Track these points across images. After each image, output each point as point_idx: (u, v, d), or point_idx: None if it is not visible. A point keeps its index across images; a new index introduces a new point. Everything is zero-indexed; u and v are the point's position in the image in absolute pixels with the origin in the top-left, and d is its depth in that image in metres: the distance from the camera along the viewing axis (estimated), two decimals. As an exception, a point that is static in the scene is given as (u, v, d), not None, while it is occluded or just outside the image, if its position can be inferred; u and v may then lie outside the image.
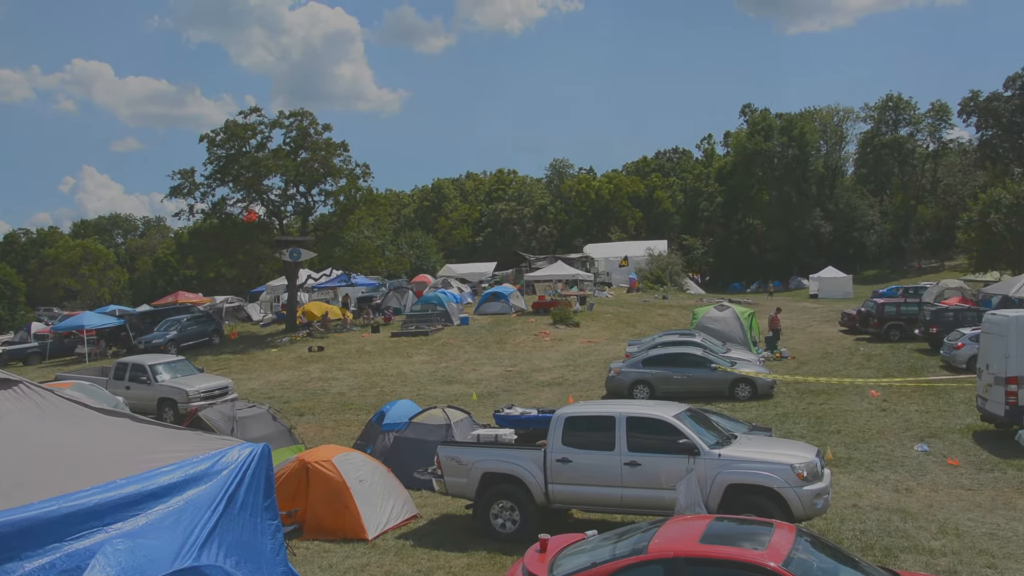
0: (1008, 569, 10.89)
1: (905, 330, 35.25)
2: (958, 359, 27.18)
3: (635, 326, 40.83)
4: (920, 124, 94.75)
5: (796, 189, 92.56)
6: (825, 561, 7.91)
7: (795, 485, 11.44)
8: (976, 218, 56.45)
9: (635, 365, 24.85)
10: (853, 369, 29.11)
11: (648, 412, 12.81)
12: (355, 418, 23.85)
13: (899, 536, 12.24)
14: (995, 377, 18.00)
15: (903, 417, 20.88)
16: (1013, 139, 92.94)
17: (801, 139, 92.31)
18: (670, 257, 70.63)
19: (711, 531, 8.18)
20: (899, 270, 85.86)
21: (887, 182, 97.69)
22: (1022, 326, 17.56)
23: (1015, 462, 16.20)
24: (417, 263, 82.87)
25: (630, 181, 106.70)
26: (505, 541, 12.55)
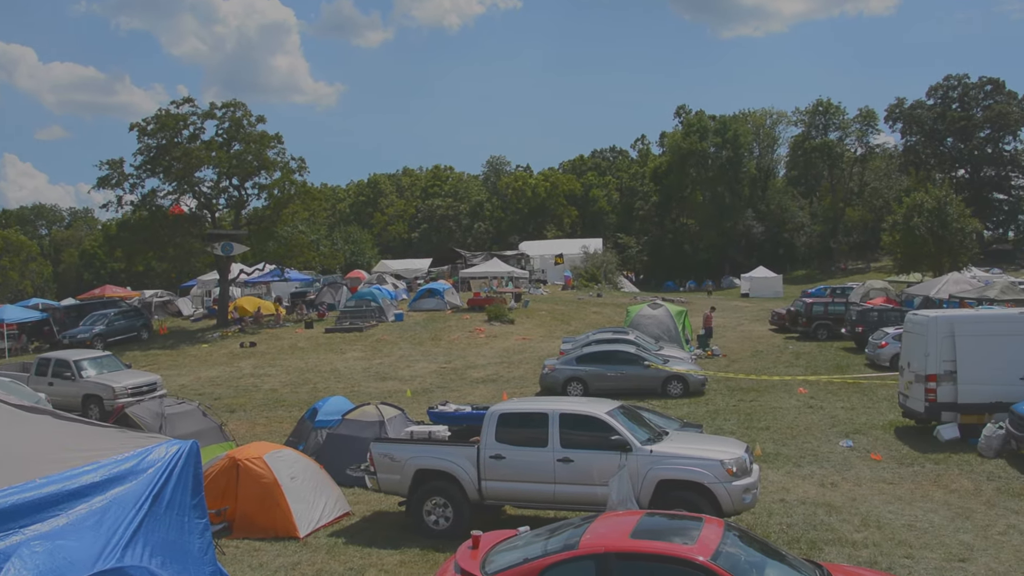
0: (924, 558, 11.27)
1: (832, 329, 36.17)
2: (882, 357, 27.99)
3: (569, 323, 41.10)
4: (849, 129, 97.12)
5: (729, 190, 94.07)
6: (753, 555, 8.07)
7: (724, 480, 11.64)
8: (900, 221, 58.05)
9: (569, 362, 25.02)
10: (782, 367, 29.74)
11: (581, 409, 12.92)
12: (287, 415, 23.57)
13: (824, 529, 12.56)
14: (916, 375, 18.56)
15: (829, 414, 21.40)
16: (935, 145, 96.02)
17: (734, 141, 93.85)
18: (605, 255, 71.21)
19: (642, 526, 8.29)
20: (827, 270, 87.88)
21: (817, 184, 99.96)
22: (941, 326, 18.15)
23: (933, 456, 16.74)
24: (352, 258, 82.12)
25: (566, 179, 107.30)
26: (438, 538, 12.54)
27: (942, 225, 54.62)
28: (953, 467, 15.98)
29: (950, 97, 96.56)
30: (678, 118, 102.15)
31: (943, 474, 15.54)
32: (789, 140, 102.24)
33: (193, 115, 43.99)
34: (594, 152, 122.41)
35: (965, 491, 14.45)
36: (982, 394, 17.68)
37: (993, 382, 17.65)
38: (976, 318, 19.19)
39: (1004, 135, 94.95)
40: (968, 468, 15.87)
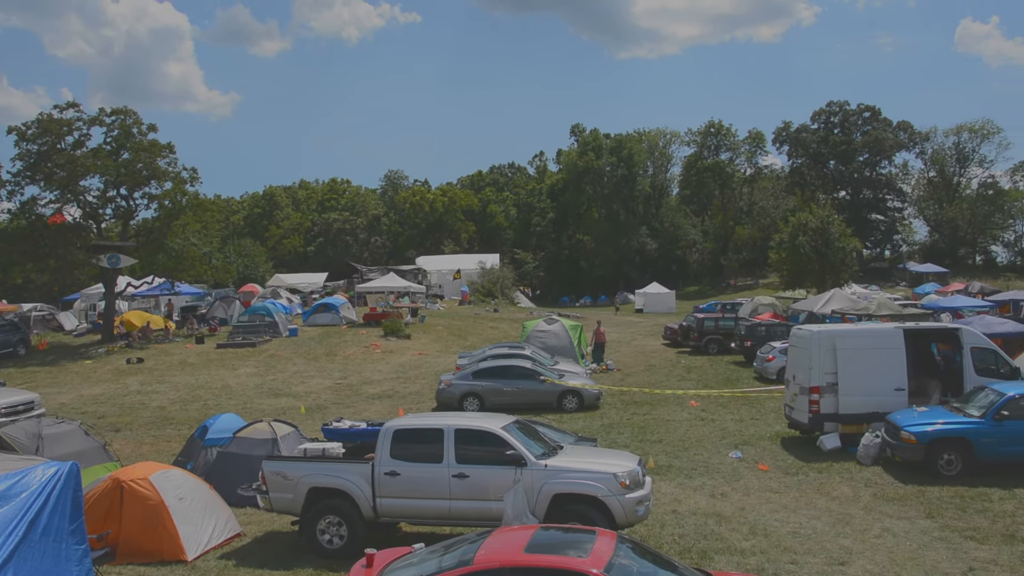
0: (807, 563, 11.71)
1: (723, 343, 37.23)
2: (769, 371, 28.96)
3: (466, 339, 41.11)
4: (739, 150, 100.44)
5: (624, 207, 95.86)
6: (645, 566, 8.24)
7: (618, 493, 11.83)
8: (786, 240, 60.24)
9: (465, 377, 25.02)
10: (675, 381, 30.42)
11: (476, 424, 12.95)
12: (176, 433, 22.83)
13: (714, 539, 12.89)
14: (800, 387, 19.29)
15: (720, 426, 21.99)
16: (819, 168, 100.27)
17: (629, 159, 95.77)
18: (502, 271, 71.62)
19: (536, 540, 8.36)
20: (718, 287, 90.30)
21: (708, 203, 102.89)
22: (823, 340, 18.92)
23: (816, 465, 17.40)
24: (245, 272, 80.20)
25: (464, 195, 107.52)
26: (332, 557, 12.34)
27: (825, 244, 56.97)
28: (834, 475, 16.64)
29: (832, 122, 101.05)
30: (574, 136, 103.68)
31: (825, 482, 16.16)
32: (682, 160, 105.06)
33: (79, 120, 42.27)
34: (492, 168, 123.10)
35: (845, 498, 15.07)
36: (861, 405, 18.49)
37: (871, 393, 18.51)
38: (855, 333, 20.05)
39: (880, 159, 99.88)
40: (848, 476, 16.55)
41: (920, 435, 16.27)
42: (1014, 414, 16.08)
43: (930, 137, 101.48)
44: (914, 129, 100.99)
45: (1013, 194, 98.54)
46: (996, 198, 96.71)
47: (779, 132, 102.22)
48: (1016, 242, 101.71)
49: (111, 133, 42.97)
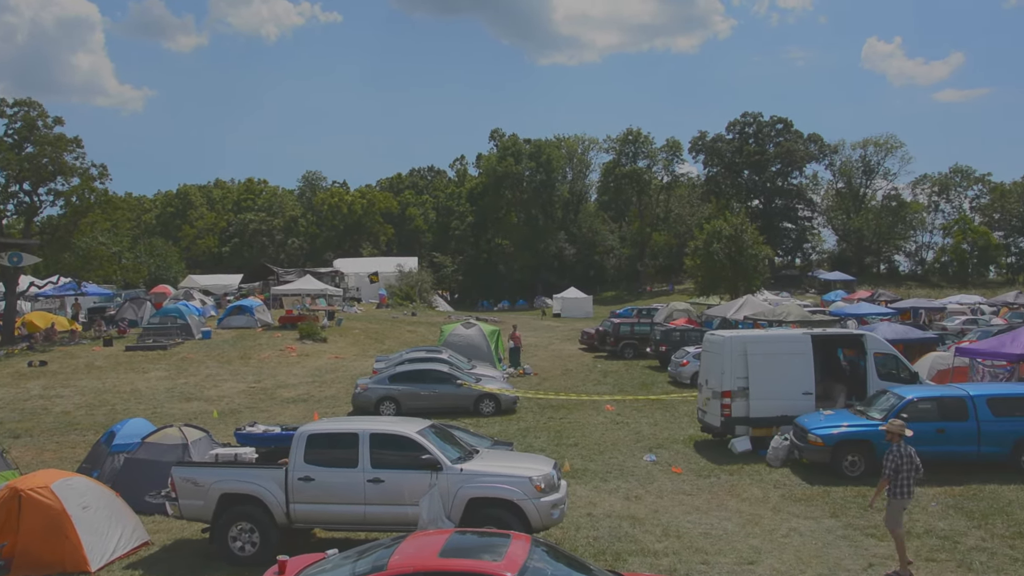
0: (718, 563, 11.97)
1: (638, 348, 37.76)
2: (683, 375, 29.49)
3: (383, 342, 40.84)
4: (656, 158, 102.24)
5: (543, 212, 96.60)
6: (560, 569, 8.29)
7: (533, 497, 11.89)
8: (701, 246, 61.50)
9: (382, 381, 24.86)
10: (591, 385, 30.75)
11: (391, 428, 12.87)
12: (81, 439, 22.07)
13: (628, 541, 13.06)
14: (713, 391, 19.70)
15: (635, 430, 22.30)
16: (733, 177, 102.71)
17: (548, 165, 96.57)
18: (420, 274, 71.32)
19: (450, 545, 8.34)
20: (635, 292, 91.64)
21: (626, 210, 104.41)
22: (735, 345, 19.37)
23: (727, 467, 17.79)
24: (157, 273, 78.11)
25: (383, 197, 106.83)
26: (244, 565, 12.10)
27: (738, 251, 58.35)
28: (745, 477, 17.04)
29: (746, 133, 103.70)
30: (494, 141, 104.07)
31: (736, 484, 16.54)
32: (600, 166, 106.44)
33: (-24, 111, 40.61)
34: (412, 171, 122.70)
35: (755, 499, 15.45)
36: (770, 408, 18.99)
37: (780, 397, 19.03)
38: (765, 338, 20.57)
39: (792, 170, 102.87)
40: (758, 477, 16.97)
41: (826, 437, 16.79)
42: (913, 416, 16.68)
43: (838, 150, 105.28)
44: (824, 141, 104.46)
45: (914, 206, 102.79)
46: (899, 210, 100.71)
47: (695, 141, 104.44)
48: (917, 252, 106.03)
49: (13, 125, 41.32)
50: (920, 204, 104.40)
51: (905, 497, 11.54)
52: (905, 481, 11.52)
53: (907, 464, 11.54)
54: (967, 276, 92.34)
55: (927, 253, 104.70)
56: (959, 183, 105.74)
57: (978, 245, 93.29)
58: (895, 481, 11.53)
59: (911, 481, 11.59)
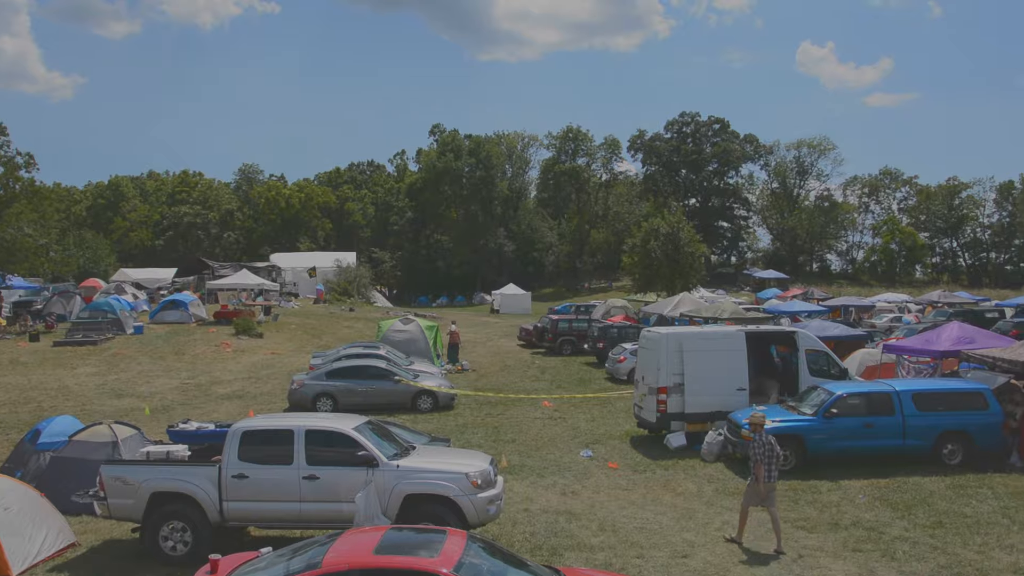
0: (652, 557, 12.14)
1: (576, 345, 38.03)
2: (620, 371, 29.78)
3: (321, 338, 40.47)
4: (595, 156, 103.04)
5: (482, 209, 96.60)
6: (496, 564, 8.33)
7: (469, 493, 11.90)
8: (638, 244, 62.16)
9: (319, 377, 24.64)
10: (529, 381, 30.88)
11: (327, 425, 12.77)
12: (4, 438, 21.41)
13: (565, 536, 13.16)
14: (649, 388, 19.93)
15: (572, 426, 22.45)
16: (671, 175, 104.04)
17: (488, 161, 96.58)
18: (359, 269, 70.81)
19: (386, 541, 8.32)
20: (573, 289, 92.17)
21: (565, 207, 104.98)
22: (671, 342, 19.63)
23: (663, 463, 18.03)
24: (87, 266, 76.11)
25: (322, 191, 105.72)
26: (176, 565, 11.89)
27: (675, 249, 59.10)
28: (680, 472, 17.28)
29: (684, 132, 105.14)
30: (434, 136, 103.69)
31: (671, 479, 16.77)
32: (540, 163, 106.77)
33: None
34: (351, 165, 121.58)
35: (689, 493, 15.69)
36: (705, 404, 19.29)
37: (714, 393, 19.35)
38: (701, 335, 20.89)
39: (728, 170, 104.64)
40: (692, 472, 17.24)
41: (758, 432, 17.10)
42: (843, 411, 17.18)
43: (773, 150, 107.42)
44: (759, 142, 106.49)
45: (845, 207, 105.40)
46: (830, 210, 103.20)
47: (634, 140, 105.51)
48: (847, 251, 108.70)
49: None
50: (851, 205, 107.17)
51: (769, 479, 12.55)
52: (770, 467, 12.58)
53: (771, 452, 12.65)
54: (895, 275, 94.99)
55: (857, 253, 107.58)
56: (888, 185, 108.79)
57: (905, 245, 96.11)
58: (766, 466, 12.55)
59: (774, 466, 12.63)
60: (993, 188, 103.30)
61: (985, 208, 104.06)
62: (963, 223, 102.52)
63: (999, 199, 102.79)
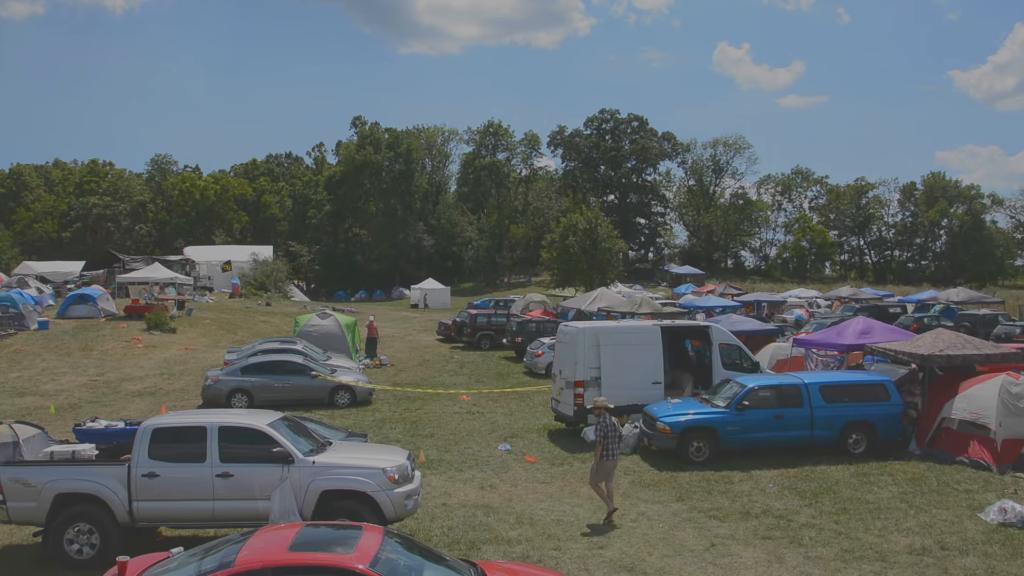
0: (569, 549, 12.27)
1: (495, 339, 38.14)
2: (538, 366, 29.98)
3: (236, 333, 39.73)
4: (515, 151, 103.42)
5: (402, 203, 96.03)
6: (412, 559, 8.30)
7: (386, 488, 11.84)
8: (557, 239, 62.61)
9: (233, 373, 24.18)
10: (447, 376, 30.85)
11: (241, 421, 12.54)
12: None
13: (482, 529, 13.20)
14: (566, 381, 20.12)
15: (490, 420, 22.52)
16: (590, 172, 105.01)
17: (408, 155, 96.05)
18: (276, 263, 69.76)
19: (301, 538, 8.22)
20: (492, 283, 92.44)
21: (485, 201, 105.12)
22: (588, 337, 19.84)
23: (580, 456, 18.20)
24: (-13, 259, 73.31)
25: (238, 183, 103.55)
26: (82, 569, 11.52)
27: (593, 245, 59.69)
28: (596, 465, 17.49)
29: (604, 129, 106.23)
30: (353, 129, 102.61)
31: (588, 471, 16.92)
32: (460, 158, 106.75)
33: None
34: (269, 157, 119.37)
35: (605, 487, 15.88)
36: (622, 398, 19.46)
37: (631, 387, 19.64)
38: (618, 330, 21.18)
39: (646, 167, 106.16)
40: (608, 465, 17.45)
41: (674, 425, 17.44)
42: (754, 404, 17.64)
43: (690, 148, 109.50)
44: (676, 140, 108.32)
45: (759, 205, 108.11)
46: (745, 208, 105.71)
47: (554, 136, 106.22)
48: (761, 248, 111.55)
49: None
50: (764, 203, 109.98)
51: (612, 459, 13.64)
52: (612, 446, 13.61)
53: (612, 433, 13.62)
54: (806, 272, 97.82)
55: (770, 249, 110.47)
56: (800, 184, 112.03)
57: (816, 243, 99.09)
58: (604, 446, 13.55)
59: (616, 446, 13.68)
60: (897, 189, 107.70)
61: (890, 208, 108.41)
62: (869, 222, 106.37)
63: (903, 200, 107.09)
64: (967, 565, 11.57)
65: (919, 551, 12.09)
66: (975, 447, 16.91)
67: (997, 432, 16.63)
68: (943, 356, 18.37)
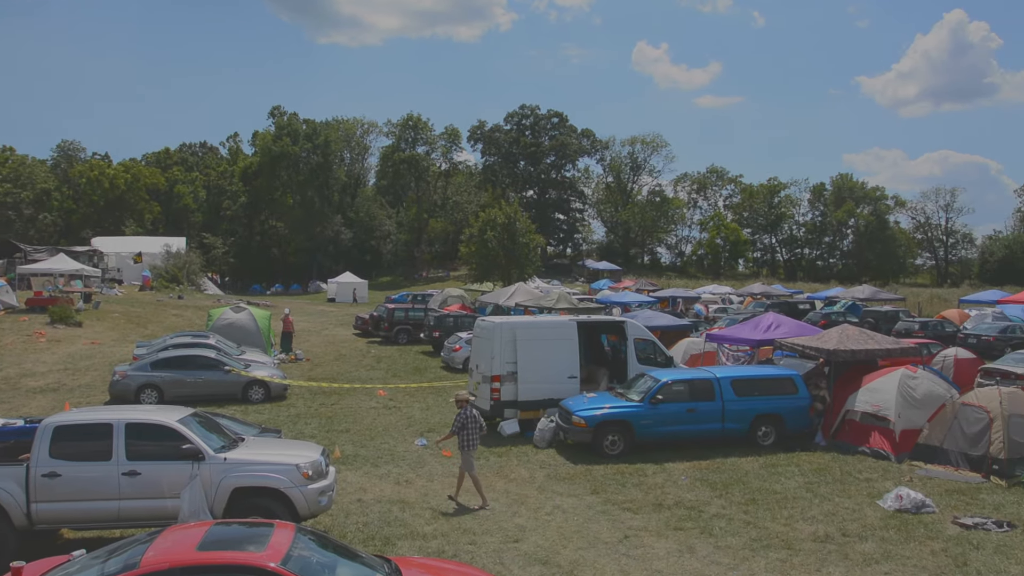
0: (484, 543, 12.30)
1: (412, 334, 37.97)
2: (456, 360, 29.96)
3: (146, 327, 38.69)
4: (435, 145, 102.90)
5: (319, 195, 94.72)
6: (326, 556, 8.21)
7: (300, 484, 11.69)
8: (476, 234, 62.67)
9: (143, 368, 23.52)
10: (364, 370, 30.59)
11: (149, 418, 12.19)
12: None
13: (398, 525, 13.13)
14: (483, 376, 20.17)
15: (407, 415, 22.40)
16: (510, 167, 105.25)
17: (326, 147, 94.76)
18: (189, 255, 68.22)
19: (210, 537, 8.05)
20: (411, 278, 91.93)
21: (404, 195, 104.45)
22: (505, 331, 19.91)
23: (497, 450, 18.27)
24: None
25: (150, 172, 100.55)
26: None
27: (511, 239, 59.93)
28: (513, 459, 17.57)
29: (524, 124, 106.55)
30: (271, 119, 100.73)
31: (505, 465, 17.02)
32: (379, 150, 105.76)
33: None
34: (182, 146, 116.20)
35: (522, 479, 15.97)
36: (538, 392, 19.70)
37: (547, 381, 19.81)
38: (534, 324, 21.27)
39: (565, 163, 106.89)
40: (525, 459, 17.55)
41: (589, 419, 17.63)
42: (668, 398, 17.97)
43: (609, 145, 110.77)
44: (596, 137, 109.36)
45: (675, 202, 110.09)
46: (662, 205, 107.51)
47: (474, 130, 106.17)
48: (677, 245, 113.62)
49: None
50: (681, 200, 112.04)
51: (472, 448, 14.36)
52: (472, 436, 14.32)
53: (471, 423, 14.34)
54: (720, 268, 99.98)
55: (686, 246, 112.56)
56: (715, 183, 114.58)
57: (729, 240, 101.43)
58: (463, 436, 14.28)
59: (476, 436, 14.39)
60: (807, 189, 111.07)
61: (800, 207, 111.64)
62: (781, 221, 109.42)
63: (812, 199, 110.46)
64: (866, 550, 12.04)
65: (822, 538, 12.52)
66: (876, 438, 17.59)
67: (896, 423, 17.34)
68: (848, 351, 19.08)
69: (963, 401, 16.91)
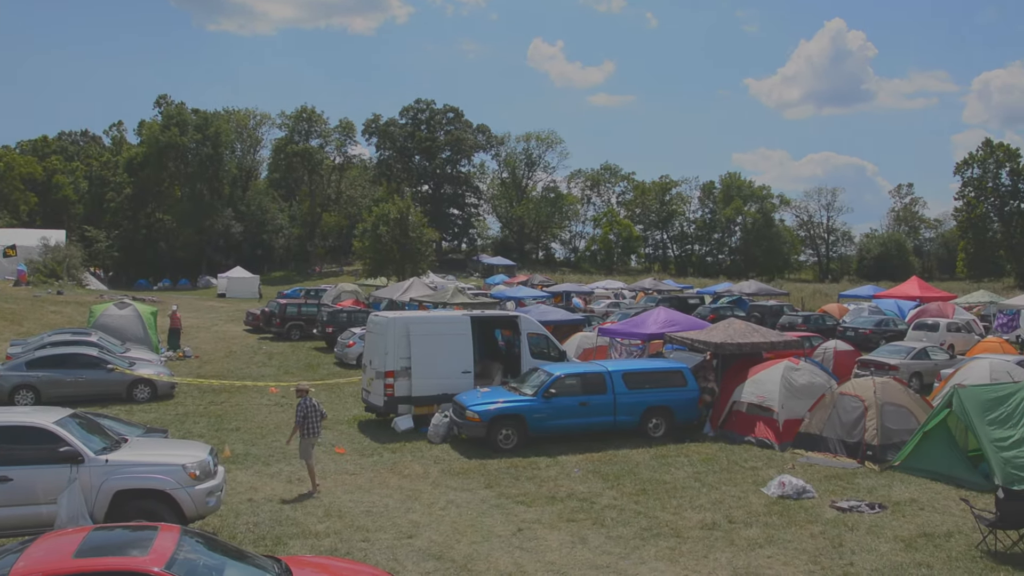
0: (378, 540, 12.25)
1: (305, 329, 37.41)
2: (349, 356, 29.65)
3: (22, 324, 36.95)
4: (329, 138, 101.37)
5: (209, 187, 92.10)
6: (213, 558, 8.02)
7: (187, 485, 11.40)
8: (370, 228, 62.09)
9: (17, 368, 22.46)
10: (255, 367, 29.98)
11: (22, 420, 11.67)
12: None
13: (289, 524, 12.93)
14: (376, 372, 20.01)
15: (299, 412, 22.03)
16: (405, 161, 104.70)
17: (216, 138, 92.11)
18: (69, 249, 65.25)
19: (89, 543, 7.74)
20: (304, 273, 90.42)
21: (297, 188, 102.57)
22: (398, 327, 19.80)
23: (391, 446, 18.18)
24: None
25: (25, 161, 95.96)
26: None
27: (404, 234, 59.64)
28: (407, 454, 17.51)
29: (419, 119, 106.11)
30: (158, 108, 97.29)
31: (398, 461, 16.95)
32: (272, 142, 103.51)
33: None
34: (61, 134, 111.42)
35: (416, 475, 15.94)
36: (432, 387, 19.69)
37: (441, 376, 19.81)
38: (428, 319, 21.24)
39: (461, 158, 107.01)
40: (419, 454, 17.52)
41: (483, 413, 17.71)
42: (560, 391, 18.20)
43: (504, 141, 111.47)
44: (491, 133, 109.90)
45: (569, 198, 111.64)
46: (556, 201, 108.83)
47: (369, 124, 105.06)
48: (571, 240, 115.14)
49: None
50: (574, 197, 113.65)
51: (314, 436, 14.96)
52: (313, 424, 14.89)
53: (312, 412, 14.92)
54: (613, 264, 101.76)
55: (579, 242, 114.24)
56: (608, 179, 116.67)
57: (622, 236, 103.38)
58: (305, 425, 14.79)
59: (318, 424, 15.01)
60: (698, 187, 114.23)
61: (691, 205, 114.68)
62: (672, 217, 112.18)
63: (703, 197, 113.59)
64: (750, 535, 12.50)
65: (709, 525, 12.93)
66: (761, 427, 18.26)
67: (779, 413, 18.05)
68: (734, 344, 19.72)
69: (841, 391, 17.72)
